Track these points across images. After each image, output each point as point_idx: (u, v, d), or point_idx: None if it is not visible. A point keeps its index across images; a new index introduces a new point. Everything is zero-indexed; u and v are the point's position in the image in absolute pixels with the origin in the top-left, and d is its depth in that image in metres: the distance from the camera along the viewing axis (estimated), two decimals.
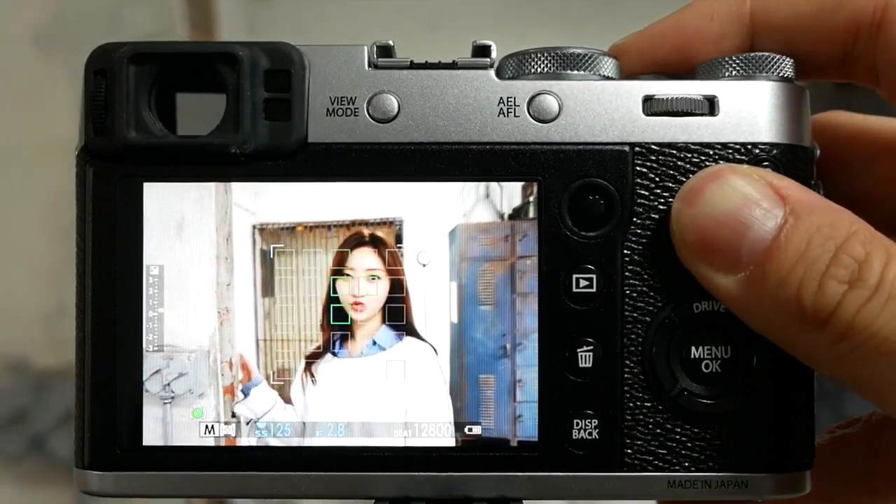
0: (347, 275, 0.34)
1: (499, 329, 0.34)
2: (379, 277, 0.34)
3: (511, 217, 0.34)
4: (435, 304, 0.33)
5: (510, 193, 0.33)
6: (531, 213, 0.33)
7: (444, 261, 0.34)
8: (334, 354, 0.34)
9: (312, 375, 0.34)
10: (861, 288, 0.29)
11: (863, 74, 0.35)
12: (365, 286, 0.34)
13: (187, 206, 0.34)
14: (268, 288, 0.34)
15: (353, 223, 0.34)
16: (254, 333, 0.34)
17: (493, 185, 0.33)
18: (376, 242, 0.34)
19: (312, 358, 0.34)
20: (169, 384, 0.34)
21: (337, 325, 0.34)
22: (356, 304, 0.34)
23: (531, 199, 0.33)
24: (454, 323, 0.34)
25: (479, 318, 0.34)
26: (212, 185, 0.34)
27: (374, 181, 0.34)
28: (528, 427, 0.33)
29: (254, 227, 0.34)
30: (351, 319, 0.34)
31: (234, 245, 0.34)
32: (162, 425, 0.34)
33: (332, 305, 0.34)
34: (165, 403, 0.34)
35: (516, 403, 0.34)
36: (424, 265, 0.33)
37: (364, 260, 0.34)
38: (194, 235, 0.34)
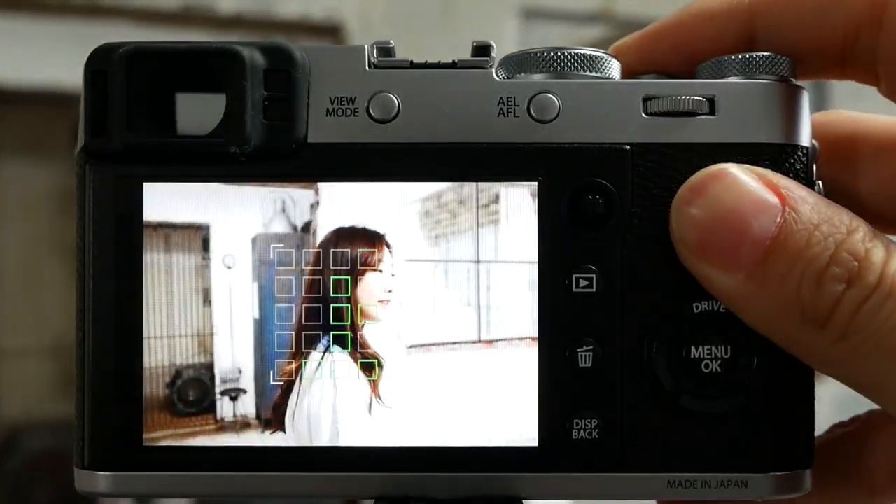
0: (379, 270, 0.34)
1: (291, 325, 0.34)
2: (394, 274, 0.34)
3: (302, 230, 0.34)
4: (238, 303, 0.34)
5: (302, 210, 0.34)
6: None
7: (248, 265, 0.34)
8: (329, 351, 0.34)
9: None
10: (860, 287, 0.29)
11: (863, 73, 0.35)
12: (393, 281, 0.34)
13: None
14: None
15: (160, 225, 0.34)
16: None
17: (289, 200, 0.34)
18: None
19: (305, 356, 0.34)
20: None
21: (337, 325, 0.34)
22: (385, 300, 0.34)
23: (313, 217, 0.34)
24: (256, 319, 0.34)
25: (276, 314, 0.34)
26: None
27: (374, 181, 0.34)
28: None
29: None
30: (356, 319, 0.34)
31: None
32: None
33: (331, 305, 0.34)
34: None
35: None
36: (229, 267, 0.34)
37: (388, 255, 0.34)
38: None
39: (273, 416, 0.34)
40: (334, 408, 0.34)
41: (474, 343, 0.34)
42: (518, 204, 0.34)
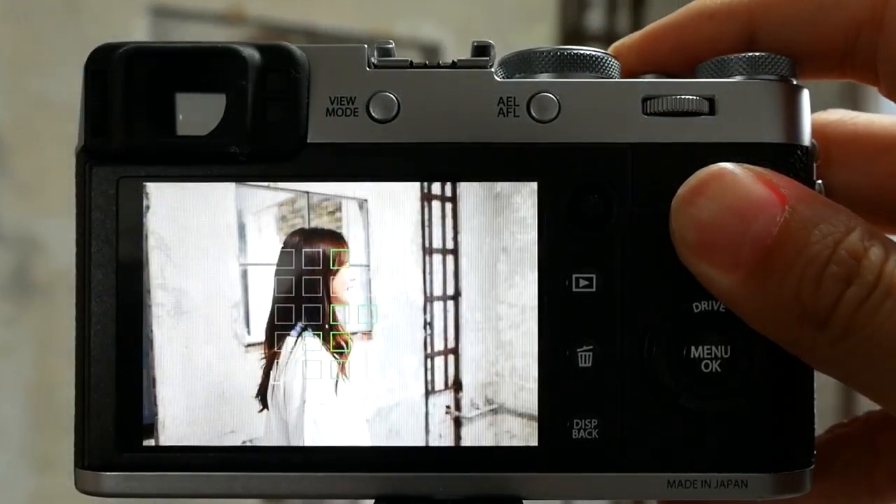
0: (347, 264, 0.34)
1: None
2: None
3: None
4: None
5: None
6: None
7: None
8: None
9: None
10: (859, 285, 0.29)
11: (863, 73, 0.35)
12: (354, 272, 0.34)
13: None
14: None
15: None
16: None
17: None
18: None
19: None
20: None
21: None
22: (350, 288, 0.34)
23: (145, 220, 0.34)
24: None
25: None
26: None
27: (373, 181, 0.34)
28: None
29: None
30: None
31: None
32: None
33: (305, 303, 0.34)
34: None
35: None
36: None
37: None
38: None
39: (259, 397, 0.34)
40: (304, 385, 0.34)
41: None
42: (354, 215, 0.34)
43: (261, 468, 0.34)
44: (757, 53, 0.34)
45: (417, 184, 0.34)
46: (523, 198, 0.33)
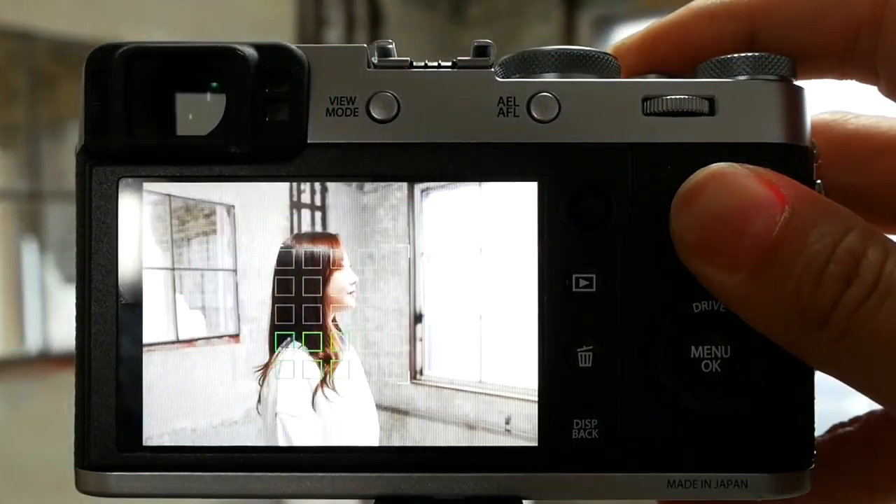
0: (344, 266, 0.34)
1: None
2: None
3: None
4: None
5: None
6: None
7: None
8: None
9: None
10: (859, 285, 0.29)
11: (863, 73, 0.36)
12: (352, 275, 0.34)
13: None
14: None
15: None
16: None
17: None
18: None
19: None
20: None
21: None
22: (353, 292, 0.34)
23: None
24: None
25: None
26: None
27: (373, 181, 0.34)
28: None
29: None
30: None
31: None
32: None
33: (303, 305, 0.34)
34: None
35: None
36: None
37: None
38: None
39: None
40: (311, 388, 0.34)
41: (174, 343, 0.34)
42: (223, 219, 0.34)
43: (261, 468, 0.34)
44: (757, 53, 0.34)
45: (287, 191, 0.34)
46: (385, 210, 0.34)
